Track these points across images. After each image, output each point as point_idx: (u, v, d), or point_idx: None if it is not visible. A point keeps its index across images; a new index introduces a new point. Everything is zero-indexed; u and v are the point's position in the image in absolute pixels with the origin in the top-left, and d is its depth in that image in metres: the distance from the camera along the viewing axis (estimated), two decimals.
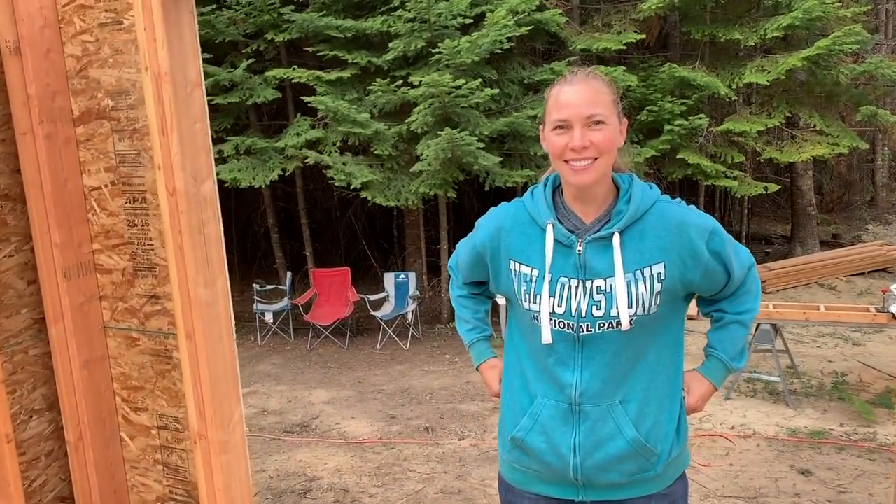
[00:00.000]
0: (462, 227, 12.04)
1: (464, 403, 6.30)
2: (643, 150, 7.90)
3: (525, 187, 8.95)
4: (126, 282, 2.62)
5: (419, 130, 7.46)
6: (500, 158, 7.36)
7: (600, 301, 1.66)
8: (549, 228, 1.68)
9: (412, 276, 8.66)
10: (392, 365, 7.57)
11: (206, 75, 8.01)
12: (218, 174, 8.04)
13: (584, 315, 1.67)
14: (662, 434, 1.74)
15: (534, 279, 1.71)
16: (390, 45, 7.66)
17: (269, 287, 9.13)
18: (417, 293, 8.55)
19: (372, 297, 8.47)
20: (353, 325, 8.72)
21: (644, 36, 8.09)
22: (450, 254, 9.02)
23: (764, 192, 8.26)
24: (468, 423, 5.83)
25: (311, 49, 8.29)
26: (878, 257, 10.30)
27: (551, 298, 1.68)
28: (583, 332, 1.68)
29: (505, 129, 7.46)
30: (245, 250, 11.58)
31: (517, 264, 1.74)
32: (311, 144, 8.05)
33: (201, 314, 2.40)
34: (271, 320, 8.65)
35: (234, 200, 11.07)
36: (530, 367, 1.79)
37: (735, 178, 8.21)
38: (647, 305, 1.66)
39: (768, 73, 7.88)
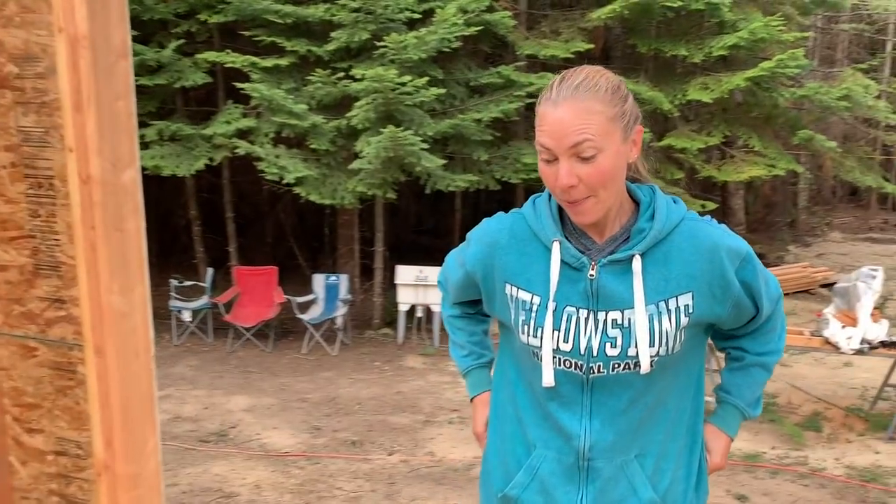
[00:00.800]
0: (397, 228, 11.74)
1: (394, 415, 6.04)
2: None
3: (467, 193, 8.73)
4: (25, 281, 2.21)
5: (360, 126, 7.14)
6: (443, 161, 7.11)
7: (615, 337, 1.39)
8: (556, 247, 1.42)
9: (344, 278, 8.32)
10: (318, 371, 7.24)
11: (133, 53, 7.47)
12: None
13: (595, 354, 1.40)
14: (680, 492, 1.49)
15: (534, 308, 1.44)
16: (332, 34, 7.32)
17: (187, 283, 8.62)
18: (349, 297, 8.21)
19: (299, 299, 8.08)
20: (278, 328, 8.32)
21: (592, 46, 7.99)
22: (385, 257, 8.74)
23: (701, 210, 8.28)
24: (398, 436, 5.58)
25: (247, 33, 7.86)
26: (803, 279, 10.52)
27: (556, 332, 1.42)
28: (593, 373, 1.41)
29: (449, 130, 7.21)
30: (164, 243, 10.97)
31: (515, 289, 1.48)
32: (242, 134, 7.62)
33: (115, 326, 2.01)
34: (189, 319, 8.16)
35: (155, 189, 10.47)
36: (528, 410, 1.50)
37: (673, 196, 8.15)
38: (670, 344, 1.39)
39: (711, 90, 7.89)
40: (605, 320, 1.40)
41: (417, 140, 6.73)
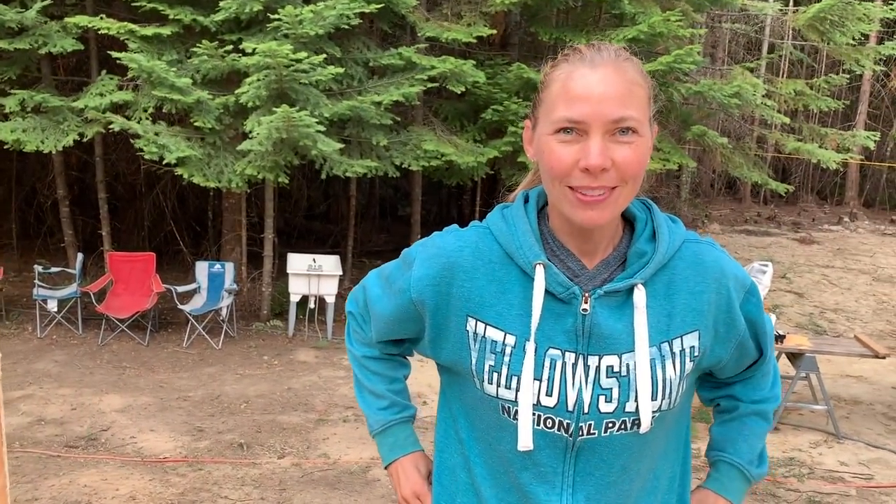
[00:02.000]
0: (286, 213, 11.25)
1: (284, 414, 5.73)
2: (486, 151, 7.63)
3: (363, 177, 8.38)
4: None
5: (249, 104, 6.67)
6: (340, 145, 6.74)
7: (610, 389, 1.13)
8: (539, 272, 1.14)
9: (229, 266, 7.84)
10: (201, 367, 6.79)
11: None
12: None
13: (586, 410, 1.14)
14: None
15: (508, 350, 1.15)
16: (221, 4, 6.78)
17: (54, 269, 7.93)
18: (235, 286, 7.73)
19: (180, 288, 7.55)
20: (156, 319, 7.77)
21: (495, 31, 7.81)
22: (274, 244, 8.29)
23: None
24: (289, 437, 5.30)
25: None
26: None
27: (536, 382, 1.14)
28: (581, 435, 1.14)
29: (347, 113, 6.85)
30: (27, 223, 10.04)
31: (480, 325, 1.18)
32: (118, 108, 6.98)
33: None
34: (55, 309, 7.46)
35: (17, 163, 9.54)
36: (488, 481, 1.20)
37: None
38: (673, 395, 1.15)
39: None
40: (599, 367, 1.14)
41: (313, 122, 6.34)
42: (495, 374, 1.16)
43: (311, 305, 7.78)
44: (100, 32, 7.01)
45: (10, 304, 8.14)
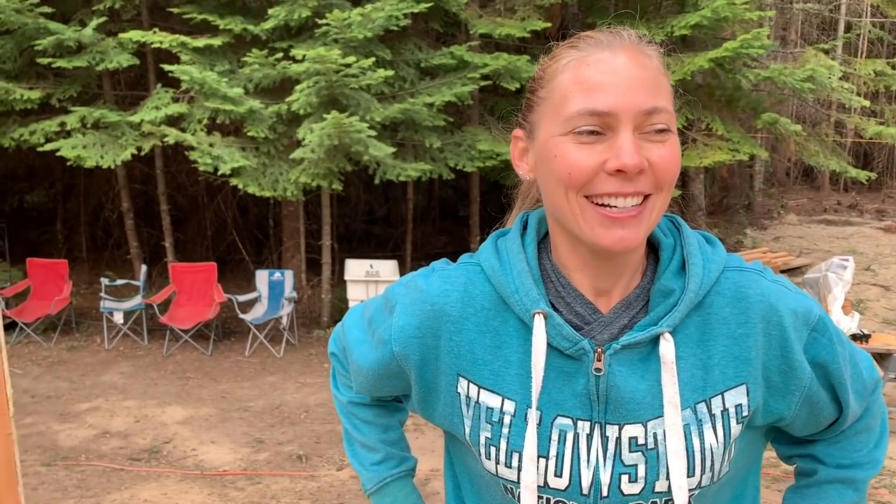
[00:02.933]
0: (346, 218, 11.25)
1: None
2: None
3: (420, 179, 8.27)
4: None
5: (301, 112, 6.62)
6: (392, 149, 6.63)
7: (635, 466, 0.91)
8: (539, 323, 0.92)
9: (289, 274, 7.82)
10: (262, 376, 6.79)
11: (48, 32, 6.82)
12: (59, 150, 6.89)
13: (605, 493, 0.92)
14: None
15: (507, 419, 0.94)
16: (270, 11, 6.77)
17: (119, 282, 8.07)
18: (294, 294, 7.72)
19: (241, 298, 7.57)
20: (219, 329, 7.81)
21: (550, 24, 7.58)
22: (333, 251, 8.24)
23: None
24: None
25: (176, 10, 7.25)
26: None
27: (542, 460, 0.93)
28: None
29: (399, 116, 6.74)
30: (95, 237, 10.31)
31: (473, 387, 0.97)
32: (173, 121, 7.05)
33: None
34: (121, 321, 7.59)
35: (84, 179, 9.80)
36: None
37: None
38: (717, 467, 0.92)
39: (673, 72, 7.54)
40: (619, 439, 0.92)
41: (364, 126, 6.24)
42: (493, 449, 0.95)
43: None
44: (154, 46, 7.09)
45: (81, 316, 8.34)
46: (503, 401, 0.94)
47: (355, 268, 7.88)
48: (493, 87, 7.85)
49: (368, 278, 7.63)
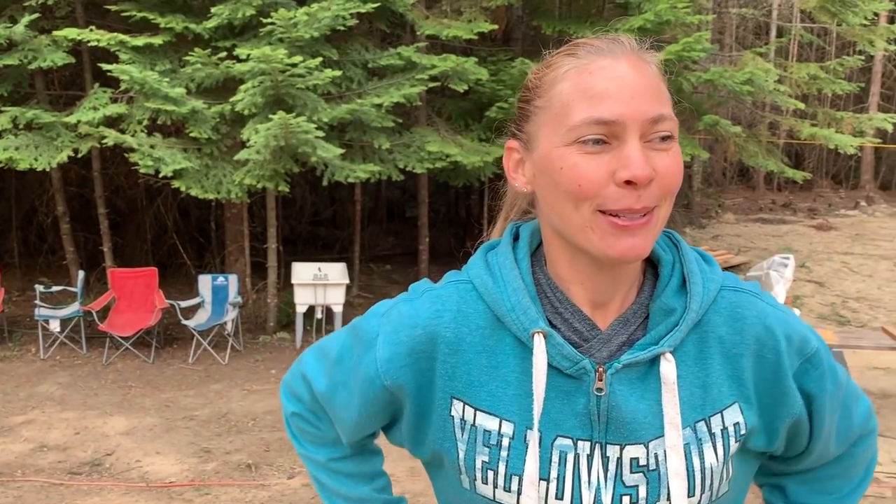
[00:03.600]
0: (291, 220, 11.08)
1: None
2: (492, 150, 7.42)
3: (368, 180, 8.18)
4: None
5: (246, 112, 6.49)
6: (341, 150, 6.55)
7: (636, 487, 0.90)
8: (539, 343, 0.89)
9: (233, 278, 7.67)
10: (207, 383, 6.64)
11: None
12: None
13: None
14: None
15: (505, 442, 0.92)
16: (213, 10, 6.63)
17: (55, 288, 7.79)
18: (239, 299, 7.57)
19: (184, 303, 7.39)
20: (161, 336, 7.60)
21: (497, 26, 7.61)
22: (279, 254, 8.11)
23: None
24: (299, 456, 5.08)
25: (114, 8, 7.03)
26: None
27: (542, 482, 0.90)
28: None
29: (347, 116, 6.66)
30: (28, 242, 9.92)
31: (469, 409, 0.94)
32: (112, 122, 6.82)
33: None
34: (58, 329, 7.32)
35: (16, 181, 9.42)
36: None
37: None
38: (716, 486, 0.92)
39: None
40: (620, 459, 0.90)
41: (311, 127, 6.15)
42: (490, 473, 0.92)
43: (319, 316, 7.60)
44: (91, 45, 6.86)
45: (14, 325, 8.02)
46: (501, 423, 0.92)
47: (302, 271, 7.77)
48: (441, 88, 7.84)
49: (316, 282, 7.52)
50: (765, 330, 0.92)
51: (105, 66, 6.51)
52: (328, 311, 7.61)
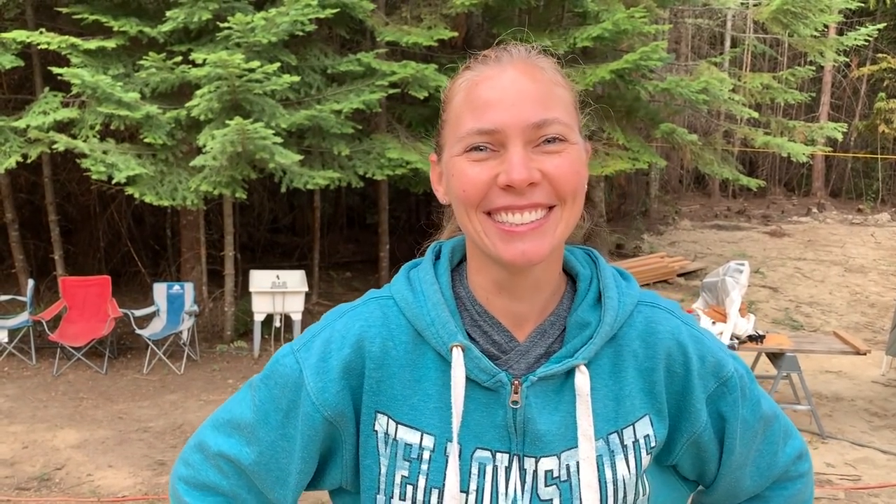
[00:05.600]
0: (249, 227, 10.93)
1: None
2: None
3: (328, 187, 8.13)
4: None
5: (202, 118, 6.38)
6: (299, 156, 6.47)
7: (550, 501, 0.91)
8: (457, 356, 0.90)
9: (189, 286, 7.52)
10: (162, 394, 6.50)
11: None
12: None
13: None
14: None
15: (426, 455, 0.92)
16: (168, 13, 6.50)
17: (3, 298, 7.56)
18: (195, 307, 7.42)
19: (138, 312, 7.24)
20: (114, 346, 7.43)
21: (456, 33, 7.61)
22: (236, 261, 7.98)
23: None
24: None
25: (65, 10, 6.86)
26: (661, 269, 10.72)
27: (462, 495, 0.91)
28: None
29: (306, 122, 6.59)
30: None
31: (392, 423, 0.93)
32: (63, 126, 6.65)
33: None
34: (5, 339, 7.12)
35: None
36: None
37: None
38: (630, 498, 0.94)
39: (576, 82, 7.71)
40: (536, 472, 0.91)
41: (269, 133, 6.07)
42: (409, 488, 0.91)
43: (277, 324, 7.49)
44: (41, 47, 6.68)
45: None
46: (422, 436, 0.92)
47: (260, 279, 7.66)
48: (401, 94, 7.81)
49: (275, 289, 7.42)
50: (676, 345, 0.94)
51: (56, 70, 6.35)
52: (287, 320, 7.52)
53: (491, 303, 0.94)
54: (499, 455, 0.91)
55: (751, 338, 5.71)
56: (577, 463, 0.90)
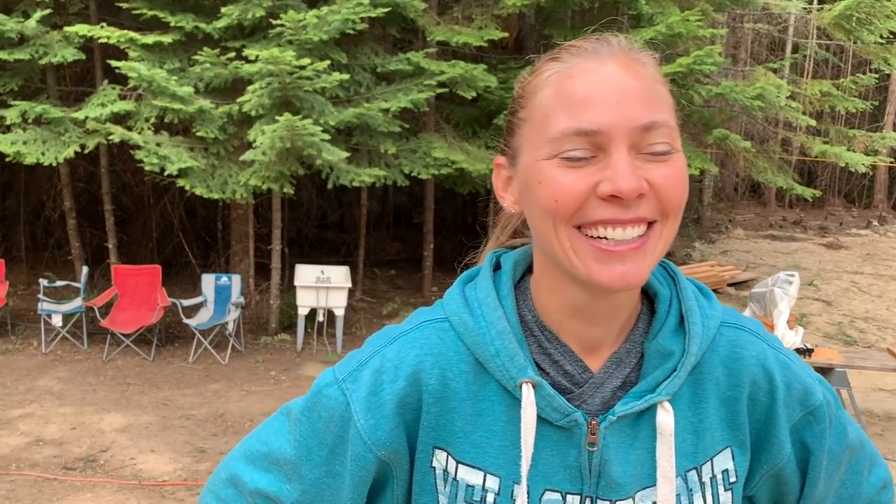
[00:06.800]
0: (297, 222, 11.07)
1: None
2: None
3: (375, 185, 8.18)
4: None
5: (253, 113, 6.48)
6: (346, 153, 6.53)
7: None
8: (528, 393, 0.81)
9: (236, 279, 7.65)
10: (206, 383, 6.61)
11: None
12: None
13: None
14: None
15: (489, 498, 0.83)
16: (223, 10, 6.62)
17: (59, 283, 7.79)
18: (241, 299, 7.54)
19: (186, 302, 7.38)
20: (162, 334, 7.58)
21: (507, 34, 7.58)
22: (283, 256, 8.09)
23: None
24: None
25: (125, 5, 7.04)
26: (711, 278, 10.50)
27: None
28: None
29: (354, 120, 6.64)
30: (35, 236, 9.95)
31: (452, 462, 0.84)
32: (119, 118, 6.83)
33: None
34: (60, 324, 7.32)
35: (25, 176, 9.45)
36: None
37: None
38: None
39: None
40: None
41: (318, 130, 6.13)
42: None
43: (320, 318, 7.56)
44: (102, 42, 6.88)
45: (17, 319, 8.03)
46: (485, 476, 0.83)
47: (305, 273, 7.74)
48: (450, 94, 7.81)
49: (319, 284, 7.50)
50: (762, 372, 0.85)
51: (114, 63, 6.52)
52: (330, 314, 7.58)
53: (562, 326, 0.84)
54: (569, 497, 0.82)
55: (799, 351, 5.56)
56: (654, 503, 0.82)
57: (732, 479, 0.86)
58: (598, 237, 0.75)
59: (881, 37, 8.95)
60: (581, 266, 0.76)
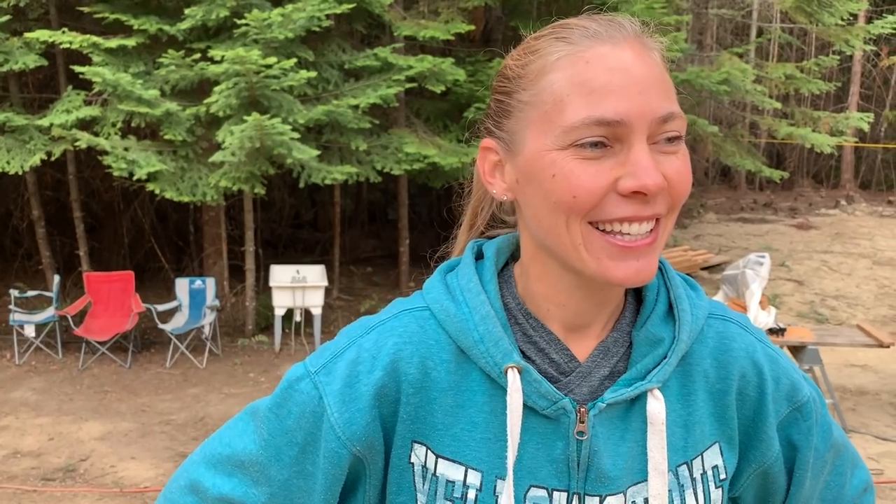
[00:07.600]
0: (271, 223, 11.02)
1: None
2: (470, 151, 7.40)
3: (348, 182, 8.14)
4: None
5: (221, 114, 6.44)
6: (317, 151, 6.51)
7: None
8: (514, 379, 0.77)
9: (210, 282, 7.60)
10: (184, 388, 6.58)
11: None
12: None
13: None
14: None
15: (470, 494, 0.79)
16: (186, 11, 6.56)
17: (30, 293, 7.68)
18: (217, 302, 7.50)
19: (161, 307, 7.32)
20: (137, 340, 7.52)
21: (474, 27, 7.60)
22: (257, 257, 8.05)
23: None
24: None
25: (87, 10, 6.96)
26: (684, 262, 10.61)
27: None
28: None
29: (323, 118, 6.62)
30: (3, 247, 9.80)
31: (432, 456, 0.80)
32: (85, 124, 6.75)
33: None
34: (33, 334, 7.23)
35: None
36: None
37: None
38: None
39: None
40: None
41: (287, 129, 6.11)
42: None
43: (297, 318, 7.55)
44: (64, 47, 6.79)
45: None
46: (466, 472, 0.79)
47: (281, 274, 7.72)
48: (419, 89, 7.81)
49: (295, 284, 7.48)
50: (751, 366, 0.84)
51: (78, 69, 6.45)
52: (307, 314, 7.57)
53: (548, 313, 0.81)
54: (556, 494, 0.79)
55: (771, 331, 5.64)
56: (645, 500, 0.79)
57: (723, 476, 0.84)
58: (613, 232, 0.73)
59: (841, 19, 9.09)
60: (592, 262, 0.73)
